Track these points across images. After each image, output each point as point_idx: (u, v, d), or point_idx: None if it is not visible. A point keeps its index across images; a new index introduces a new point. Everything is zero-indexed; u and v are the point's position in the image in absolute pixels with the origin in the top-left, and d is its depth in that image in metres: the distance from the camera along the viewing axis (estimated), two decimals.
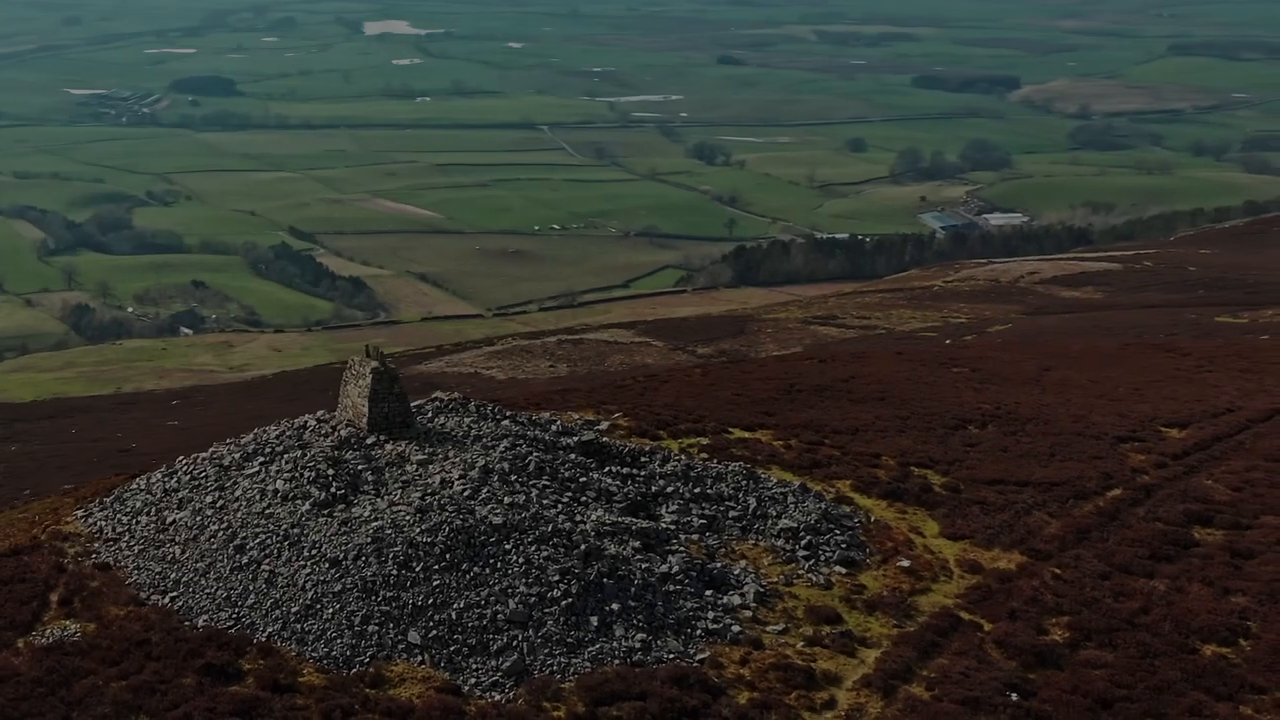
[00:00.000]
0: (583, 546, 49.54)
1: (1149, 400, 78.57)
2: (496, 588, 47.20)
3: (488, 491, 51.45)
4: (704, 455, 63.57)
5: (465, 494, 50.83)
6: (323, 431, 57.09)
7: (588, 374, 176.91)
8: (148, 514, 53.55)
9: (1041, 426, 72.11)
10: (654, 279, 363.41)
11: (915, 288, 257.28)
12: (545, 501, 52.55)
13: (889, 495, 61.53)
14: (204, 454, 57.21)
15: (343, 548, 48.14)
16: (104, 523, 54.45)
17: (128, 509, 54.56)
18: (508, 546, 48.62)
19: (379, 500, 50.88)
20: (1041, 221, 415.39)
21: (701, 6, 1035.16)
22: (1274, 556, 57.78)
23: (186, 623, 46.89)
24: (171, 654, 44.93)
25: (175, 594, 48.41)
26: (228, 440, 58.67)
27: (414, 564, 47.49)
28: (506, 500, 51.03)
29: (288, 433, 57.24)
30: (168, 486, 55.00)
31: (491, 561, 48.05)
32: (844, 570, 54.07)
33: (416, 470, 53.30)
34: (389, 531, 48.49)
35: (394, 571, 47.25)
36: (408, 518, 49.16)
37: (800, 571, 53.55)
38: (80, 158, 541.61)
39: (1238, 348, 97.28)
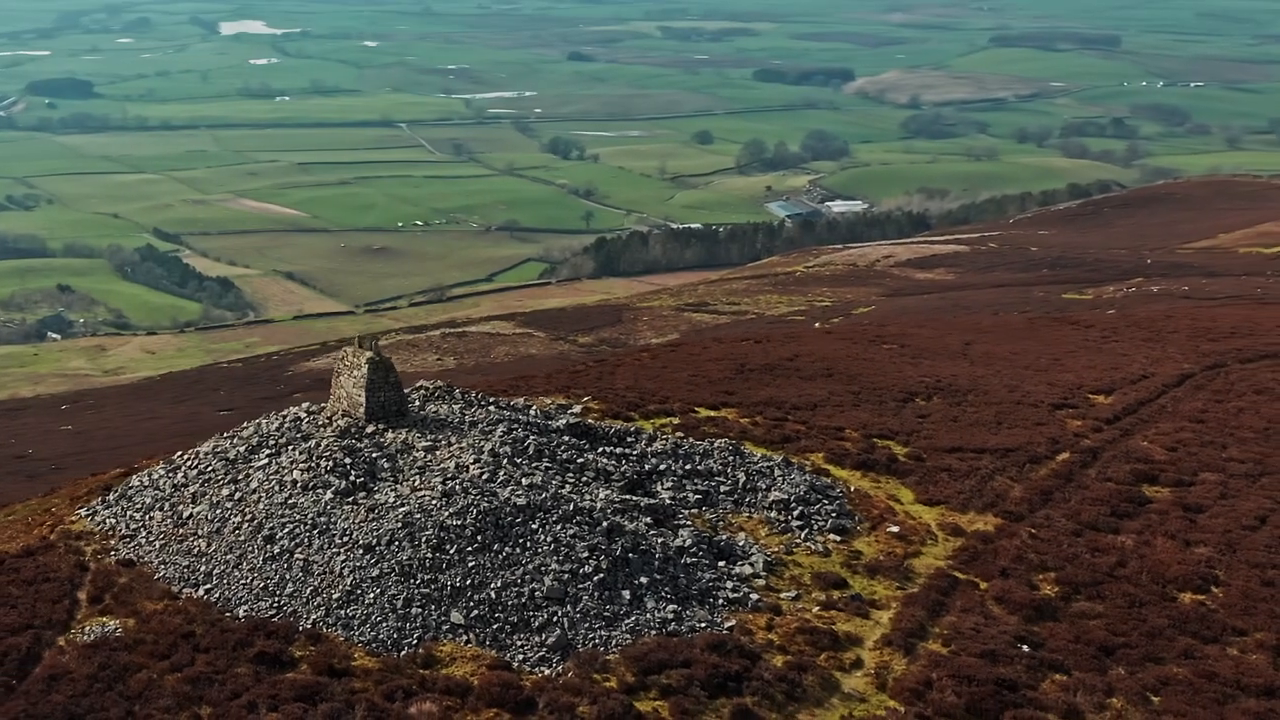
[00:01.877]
0: (605, 523, 49.89)
1: (1070, 370, 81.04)
2: (530, 566, 47.35)
3: (504, 474, 51.49)
4: (679, 434, 64.22)
5: (484, 477, 50.79)
6: (319, 422, 56.53)
7: (475, 366, 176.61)
8: (160, 510, 52.58)
9: (981, 397, 74.03)
10: (517, 272, 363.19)
11: (779, 273, 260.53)
12: (554, 482, 52.81)
13: (861, 466, 62.77)
14: (204, 448, 56.28)
15: (374, 533, 47.85)
16: (113, 520, 53.34)
17: (137, 505, 53.51)
18: (534, 526, 48.76)
19: (400, 486, 50.61)
20: (881, 208, 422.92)
21: (550, 4, 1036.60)
22: (1221, 510, 60.21)
23: (227, 614, 46.25)
24: (220, 645, 44.35)
25: (209, 586, 47.69)
26: (225, 433, 57.80)
27: (447, 546, 47.41)
28: (525, 482, 51.13)
29: (286, 424, 56.60)
30: (175, 482, 54.03)
31: (521, 541, 48.16)
32: (838, 538, 55.14)
33: (425, 456, 53.11)
34: (418, 516, 48.31)
35: (428, 555, 47.13)
36: (434, 502, 49.01)
37: (798, 541, 54.48)
38: None
39: (1135, 319, 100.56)
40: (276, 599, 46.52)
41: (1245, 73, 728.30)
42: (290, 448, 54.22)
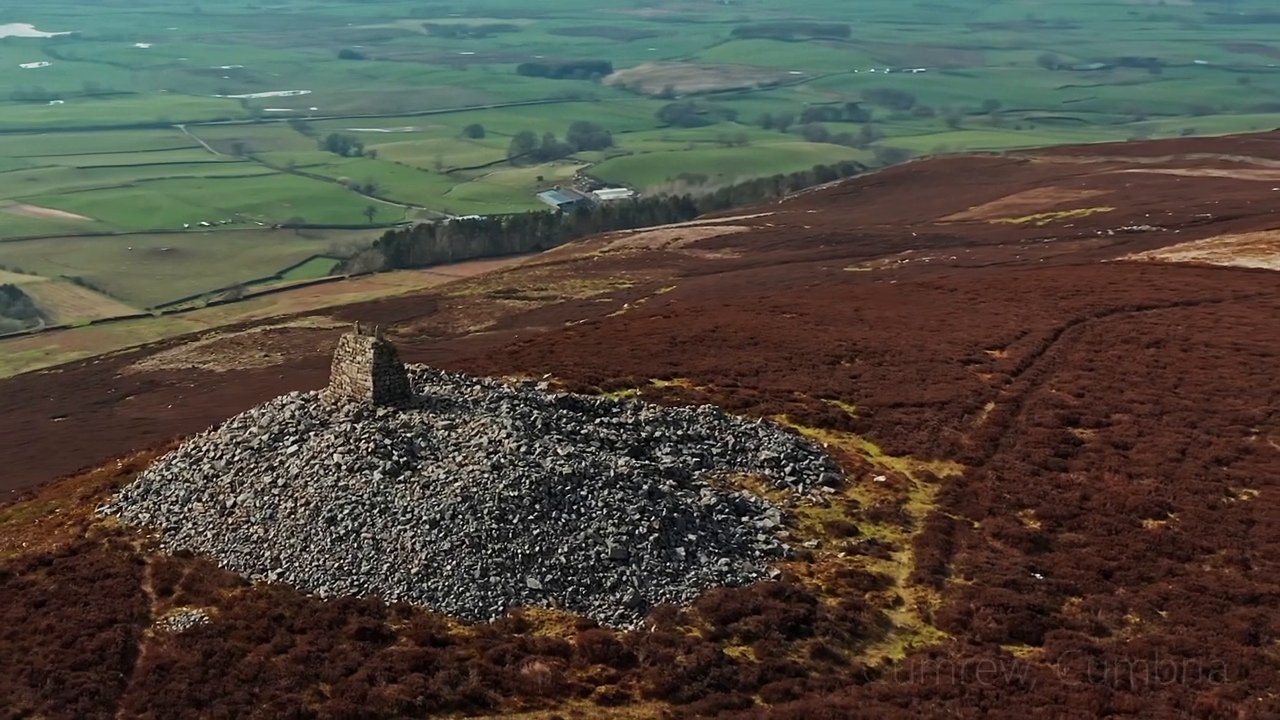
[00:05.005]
0: (645, 486, 50.73)
1: (960, 329, 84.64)
2: (589, 530, 47.90)
3: (540, 446, 51.82)
4: (641, 402, 65.12)
5: (523, 450, 51.00)
6: (326, 409, 55.72)
7: (303, 361, 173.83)
8: (199, 501, 51.20)
9: (897, 357, 76.84)
10: (306, 268, 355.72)
11: (577, 259, 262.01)
12: (588, 451, 53.32)
13: (823, 424, 64.73)
14: (220, 439, 54.74)
15: (436, 509, 47.68)
16: (147, 515, 51.65)
17: (170, 499, 51.93)
18: (583, 493, 49.28)
19: (442, 463, 50.29)
20: (646, 194, 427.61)
21: (318, 3, 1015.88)
22: (1145, 446, 64.21)
23: (308, 595, 45.63)
24: (314, 625, 43.76)
25: (280, 570, 46.81)
26: (232, 424, 56.31)
27: (510, 517, 47.60)
28: (562, 452, 51.56)
29: (294, 413, 55.47)
30: (204, 473, 52.58)
31: (575, 507, 48.65)
32: (832, 490, 56.98)
33: (450, 434, 52.81)
34: (475, 490, 48.32)
35: (493, 525, 47.25)
36: (486, 475, 49.02)
37: (798, 494, 56.16)
38: None
39: (992, 282, 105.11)
40: (355, 577, 46.03)
41: (961, 58, 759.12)
42: (312, 434, 53.32)
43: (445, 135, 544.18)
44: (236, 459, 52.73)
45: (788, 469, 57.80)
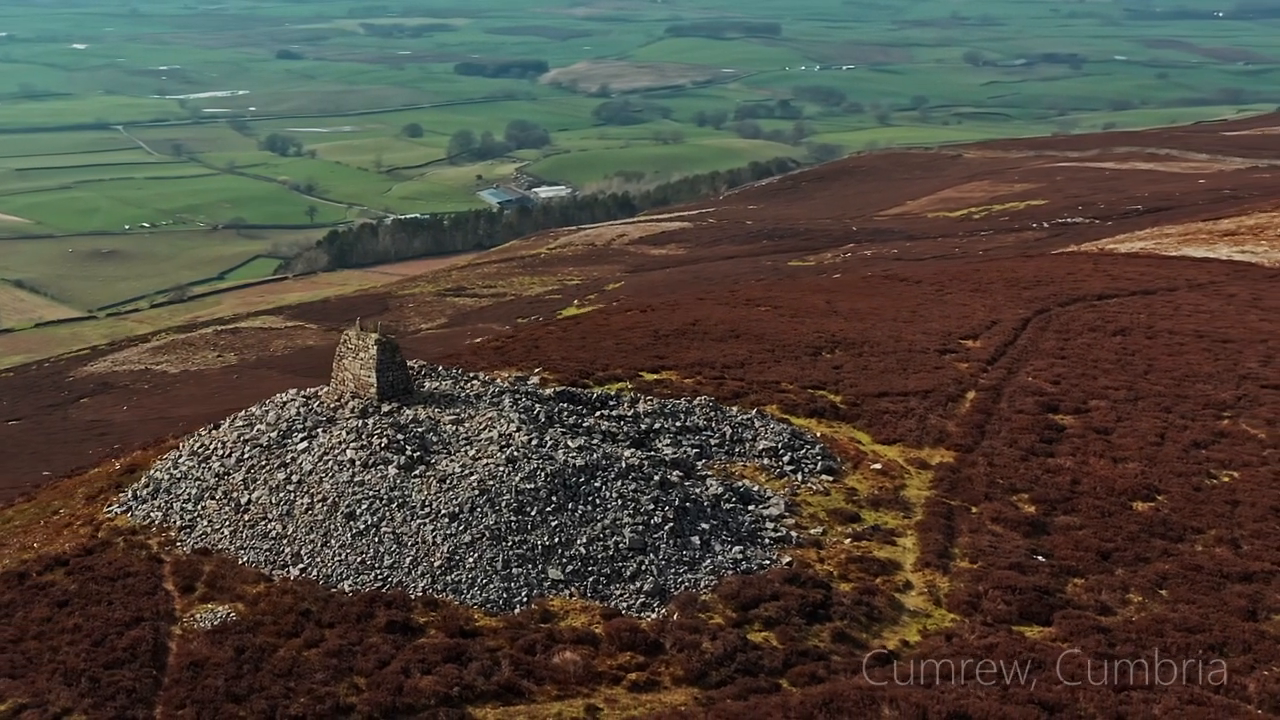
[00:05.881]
0: (655, 477, 50.90)
1: (931, 319, 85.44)
2: (605, 521, 47.98)
3: (550, 438, 51.84)
4: (638, 394, 65.26)
5: (534, 442, 50.99)
6: (331, 405, 55.42)
7: (257, 360, 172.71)
8: (212, 499, 50.79)
9: (875, 348, 77.48)
10: (249, 269, 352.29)
11: (524, 256, 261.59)
12: (595, 443, 53.35)
13: (814, 414, 65.19)
14: (228, 437, 54.32)
15: (454, 503, 47.58)
16: (159, 514, 51.19)
17: (181, 497, 51.48)
18: (597, 484, 49.34)
19: (455, 457, 50.18)
20: (585, 192, 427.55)
21: (255, 4, 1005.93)
22: (1125, 430, 65.18)
23: (333, 590, 45.42)
24: (342, 619, 43.58)
25: (302, 566, 46.56)
26: (235, 421, 55.87)
27: (528, 509, 47.59)
28: (573, 444, 51.60)
29: (298, 410, 55.17)
30: (215, 471, 52.15)
31: (590, 499, 48.73)
32: (830, 478, 57.41)
33: (457, 428, 52.76)
34: (491, 483, 48.26)
35: (512, 518, 47.23)
36: (502, 469, 48.97)
37: (798, 483, 56.53)
38: None
39: (956, 274, 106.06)
40: (378, 571, 45.87)
41: (889, 55, 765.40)
42: (320, 431, 53.05)
43: (384, 134, 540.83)
44: (247, 456, 52.33)
45: (786, 458, 58.16)
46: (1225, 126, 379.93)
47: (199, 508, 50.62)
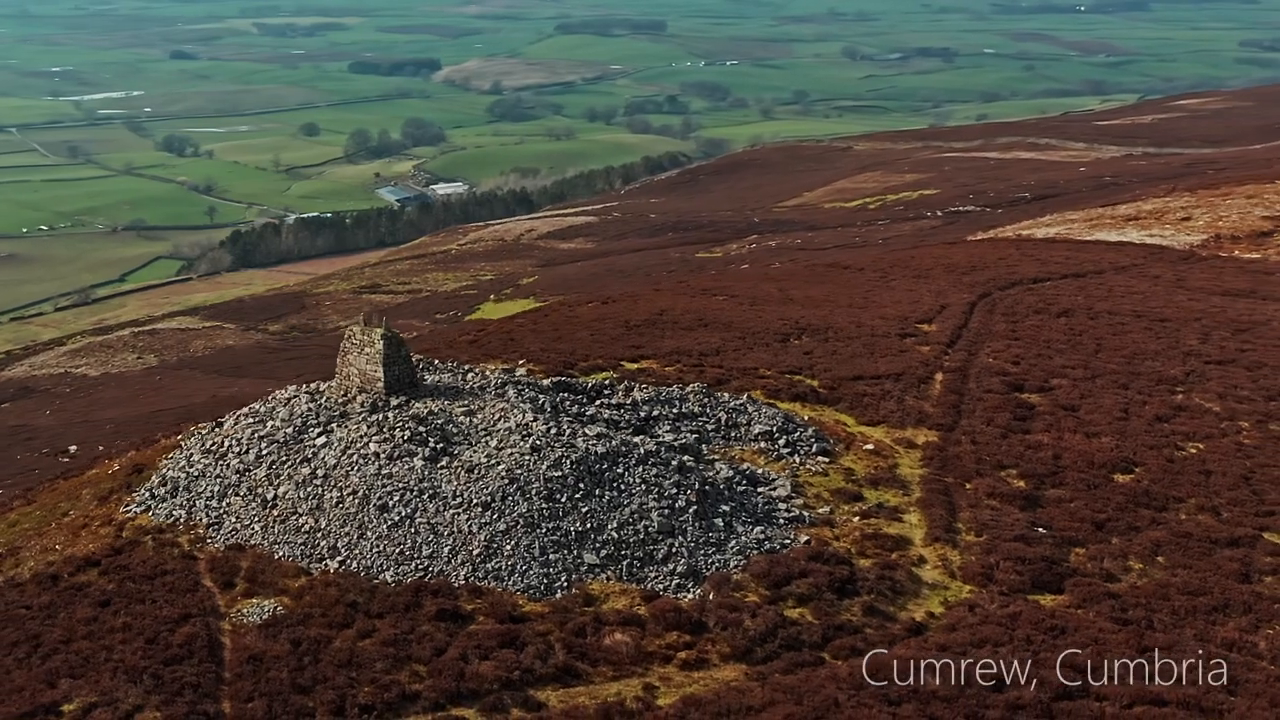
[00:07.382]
0: (674, 462, 51.20)
1: (885, 305, 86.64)
2: (633, 505, 48.21)
3: (568, 427, 51.89)
4: (631, 383, 65.44)
5: (554, 432, 51.01)
6: (338, 400, 54.89)
7: (179, 361, 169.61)
8: (236, 495, 50.07)
9: (839, 333, 78.43)
10: (151, 270, 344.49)
11: (435, 253, 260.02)
12: (601, 431, 53.46)
13: (796, 398, 65.86)
14: (240, 434, 53.47)
15: (485, 492, 47.48)
16: (182, 512, 50.35)
17: (204, 494, 50.65)
18: (620, 470, 49.54)
19: (478, 447, 50.03)
20: (483, 188, 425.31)
21: (146, 4, 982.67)
22: (1091, 407, 66.80)
23: (375, 581, 45.09)
24: (391, 609, 43.35)
25: (340, 559, 46.14)
26: (245, 417, 55.07)
27: (558, 496, 47.67)
28: (592, 432, 51.70)
29: (308, 406, 54.51)
30: (234, 467, 51.38)
31: (615, 485, 48.90)
32: (826, 460, 58.14)
33: (469, 420, 52.57)
34: (519, 472, 48.23)
35: (543, 505, 47.28)
36: (527, 458, 48.96)
37: (798, 465, 57.17)
38: None
39: (895, 260, 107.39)
40: (417, 561, 45.66)
41: (770, 51, 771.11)
42: (335, 426, 52.55)
43: (281, 134, 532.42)
44: (266, 452, 51.67)
45: (781, 441, 58.77)
46: (1095, 116, 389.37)
47: (224, 504, 49.91)
